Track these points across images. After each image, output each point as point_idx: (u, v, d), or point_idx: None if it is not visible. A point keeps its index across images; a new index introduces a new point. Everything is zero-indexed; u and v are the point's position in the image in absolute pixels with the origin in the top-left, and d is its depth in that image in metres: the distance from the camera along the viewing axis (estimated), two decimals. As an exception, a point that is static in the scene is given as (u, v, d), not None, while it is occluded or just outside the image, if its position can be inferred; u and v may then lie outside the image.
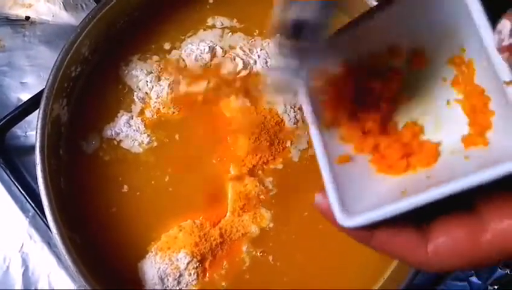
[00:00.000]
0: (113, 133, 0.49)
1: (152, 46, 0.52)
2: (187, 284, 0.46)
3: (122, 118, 0.50)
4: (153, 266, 0.46)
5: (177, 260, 0.46)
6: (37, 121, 0.45)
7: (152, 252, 0.46)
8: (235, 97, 0.49)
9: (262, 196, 0.48)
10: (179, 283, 0.46)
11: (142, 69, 0.51)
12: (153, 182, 0.48)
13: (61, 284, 0.52)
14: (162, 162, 0.49)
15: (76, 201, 0.47)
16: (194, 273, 0.46)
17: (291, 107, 0.50)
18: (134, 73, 0.51)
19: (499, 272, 0.54)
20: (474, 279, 0.54)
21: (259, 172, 0.48)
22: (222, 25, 0.53)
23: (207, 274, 0.46)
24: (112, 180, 0.48)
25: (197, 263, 0.46)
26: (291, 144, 0.49)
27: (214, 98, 0.48)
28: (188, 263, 0.45)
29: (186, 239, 0.46)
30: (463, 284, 0.54)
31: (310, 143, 0.49)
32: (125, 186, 0.48)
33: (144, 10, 0.52)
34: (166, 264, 0.46)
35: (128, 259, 0.46)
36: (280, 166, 0.49)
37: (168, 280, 0.45)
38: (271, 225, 0.47)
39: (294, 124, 0.49)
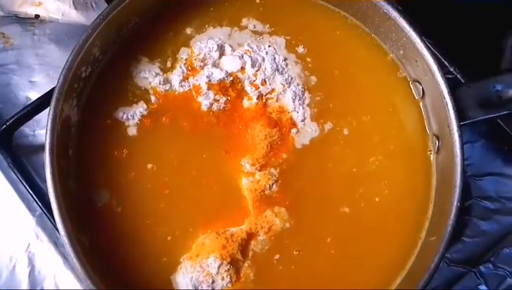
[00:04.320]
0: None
1: (164, 46, 0.52)
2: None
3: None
4: (185, 276, 0.45)
5: (208, 265, 0.45)
6: (47, 122, 0.45)
7: (182, 262, 0.46)
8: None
9: (276, 188, 0.48)
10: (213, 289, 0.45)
11: (152, 70, 0.50)
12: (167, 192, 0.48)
13: (67, 285, 0.52)
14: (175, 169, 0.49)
15: (86, 205, 0.47)
16: (227, 276, 0.45)
17: (300, 105, 0.50)
18: (145, 74, 0.50)
19: (508, 281, 0.54)
20: (482, 287, 0.54)
21: (270, 166, 0.49)
22: (254, 28, 0.53)
23: (241, 274, 0.46)
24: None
25: (228, 266, 0.45)
26: (296, 132, 0.50)
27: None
28: (218, 267, 0.45)
29: (213, 243, 0.46)
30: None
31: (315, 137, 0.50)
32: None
33: (158, 10, 0.52)
34: (198, 271, 0.45)
35: (159, 273, 0.46)
36: (287, 157, 0.49)
37: (202, 287, 0.45)
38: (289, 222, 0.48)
39: (301, 121, 0.50)
